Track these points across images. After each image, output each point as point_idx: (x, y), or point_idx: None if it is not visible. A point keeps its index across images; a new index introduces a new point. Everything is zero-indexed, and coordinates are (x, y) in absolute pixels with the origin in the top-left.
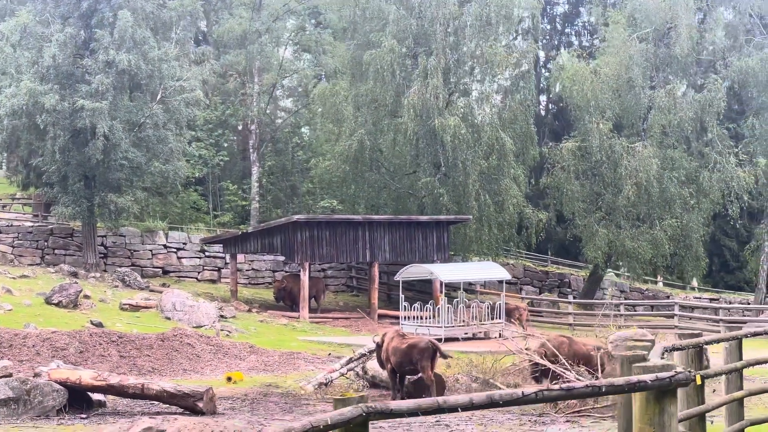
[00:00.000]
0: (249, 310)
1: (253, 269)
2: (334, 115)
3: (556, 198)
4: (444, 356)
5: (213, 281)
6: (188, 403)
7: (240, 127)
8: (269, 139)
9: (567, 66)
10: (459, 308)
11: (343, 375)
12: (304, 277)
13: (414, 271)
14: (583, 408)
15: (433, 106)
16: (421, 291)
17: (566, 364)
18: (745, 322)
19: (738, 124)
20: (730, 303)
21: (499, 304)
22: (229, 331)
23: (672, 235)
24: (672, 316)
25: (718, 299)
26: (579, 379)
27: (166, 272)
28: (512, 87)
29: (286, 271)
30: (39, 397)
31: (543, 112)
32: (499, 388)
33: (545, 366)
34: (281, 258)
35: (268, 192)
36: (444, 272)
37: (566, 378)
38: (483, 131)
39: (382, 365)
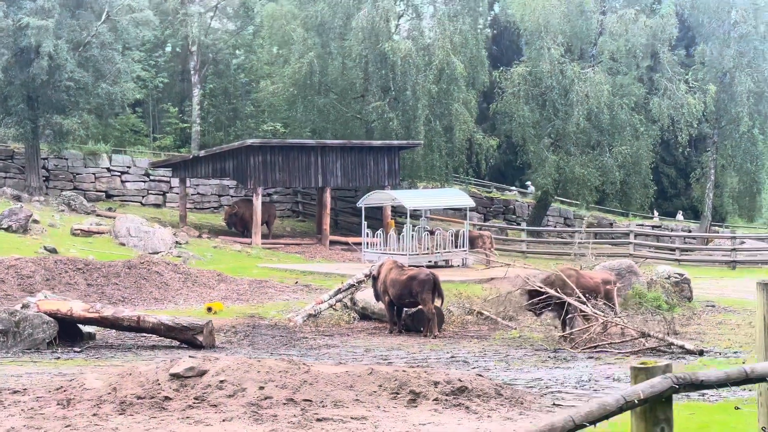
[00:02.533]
0: (199, 236)
1: (198, 194)
2: (282, 37)
3: (506, 124)
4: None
5: (158, 206)
6: (187, 337)
7: (179, 49)
8: (210, 60)
9: None
10: (423, 236)
11: (331, 306)
12: (257, 203)
13: (377, 198)
14: (600, 343)
15: (384, 29)
16: (374, 217)
17: (581, 296)
18: (694, 250)
19: (688, 51)
20: (672, 230)
21: (463, 231)
22: (186, 258)
23: (622, 162)
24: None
25: (660, 227)
26: (595, 312)
27: (109, 196)
28: (463, 10)
29: (232, 196)
30: (29, 329)
31: (494, 36)
32: (497, 321)
33: (550, 297)
34: (227, 182)
35: (209, 115)
36: (408, 199)
37: (583, 311)
38: (434, 55)
39: (378, 297)
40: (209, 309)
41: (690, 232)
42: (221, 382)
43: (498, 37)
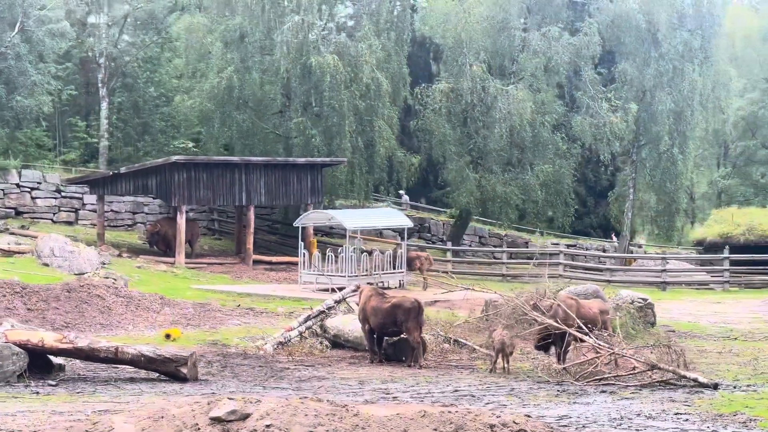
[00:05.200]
0: (119, 255)
1: (112, 211)
2: (199, 51)
3: (426, 141)
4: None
5: (70, 223)
6: (169, 369)
7: (87, 61)
8: (119, 73)
9: (439, 4)
10: (363, 257)
11: (301, 334)
12: (181, 221)
13: (314, 217)
14: (606, 375)
15: (308, 44)
16: (293, 236)
17: (584, 327)
18: (619, 270)
19: (610, 70)
20: (587, 249)
21: (401, 252)
22: (115, 279)
23: (544, 180)
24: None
25: (575, 245)
26: (599, 344)
27: (19, 213)
28: (386, 25)
29: (147, 213)
30: None
31: (414, 53)
32: (473, 349)
33: (559, 330)
34: (141, 199)
35: (117, 129)
36: (347, 219)
37: (589, 342)
38: (360, 71)
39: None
40: (167, 336)
41: (604, 251)
42: (267, 426)
43: (418, 54)
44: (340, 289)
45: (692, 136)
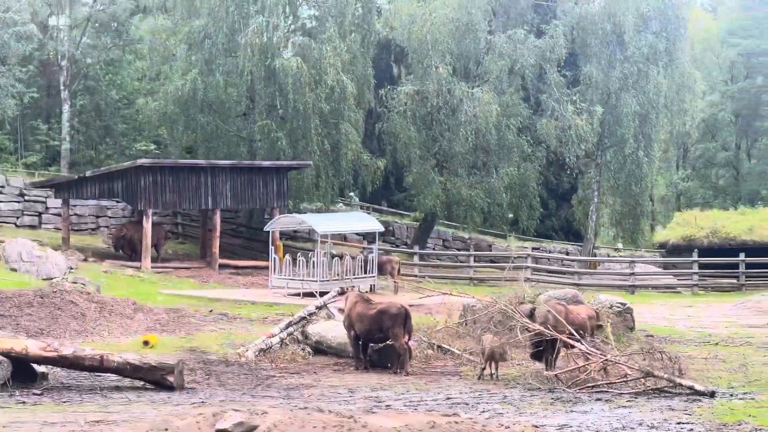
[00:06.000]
0: (85, 260)
1: (76, 215)
2: (163, 53)
3: (391, 144)
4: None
5: (33, 227)
6: (155, 377)
7: (48, 64)
8: (81, 76)
9: (404, 6)
10: (334, 261)
11: (282, 340)
12: (147, 225)
13: (284, 222)
14: (599, 382)
15: (273, 46)
16: (258, 240)
17: (575, 334)
18: (585, 274)
19: (575, 72)
20: (550, 252)
21: (372, 256)
22: (84, 284)
23: (509, 183)
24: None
25: (538, 248)
26: (590, 350)
27: None
28: (351, 26)
29: (110, 217)
30: None
31: (378, 55)
32: (458, 354)
33: (551, 337)
34: (105, 203)
35: (79, 132)
36: (318, 224)
37: (580, 348)
38: (326, 73)
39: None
40: (145, 343)
41: (568, 254)
42: None
43: (380, 56)
44: (312, 294)
45: (657, 138)
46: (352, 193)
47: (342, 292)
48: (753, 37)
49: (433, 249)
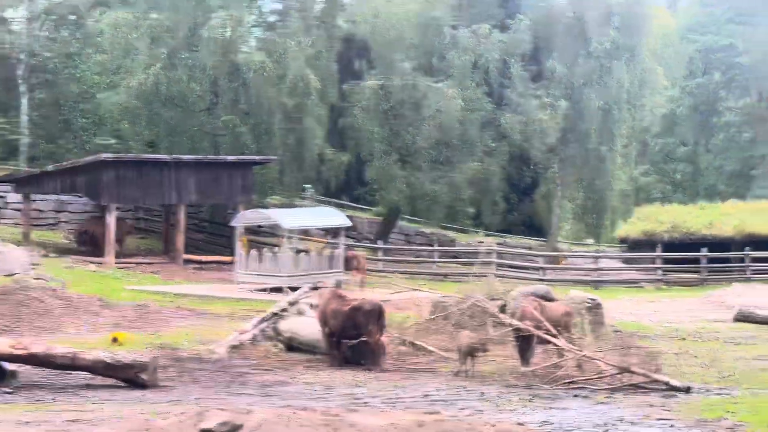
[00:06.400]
0: (46, 255)
1: (36, 210)
2: (125, 47)
3: (354, 139)
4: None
5: None
6: (129, 375)
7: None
8: (40, 69)
9: (368, 1)
10: (300, 256)
11: (254, 337)
12: (111, 220)
13: (251, 217)
14: (576, 379)
15: (236, 40)
16: (222, 234)
17: (552, 330)
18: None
19: (539, 67)
20: (513, 247)
21: (339, 252)
22: (47, 280)
23: (472, 178)
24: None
25: (502, 243)
26: (570, 347)
27: None
28: (316, 22)
29: (71, 212)
30: None
31: (341, 50)
32: (431, 351)
33: (530, 333)
34: (65, 198)
35: (38, 126)
36: (285, 218)
37: (558, 345)
38: (289, 68)
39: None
40: (114, 340)
41: (530, 249)
42: None
43: (343, 51)
44: (279, 289)
45: (619, 133)
46: (307, 186)
47: (315, 288)
48: (711, 34)
49: (395, 244)
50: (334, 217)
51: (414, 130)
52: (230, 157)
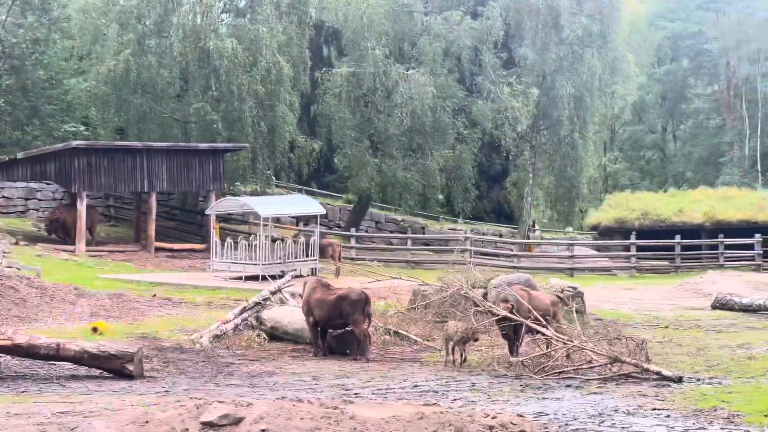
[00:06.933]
0: (16, 243)
1: (3, 197)
2: (93, 33)
3: (326, 126)
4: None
5: None
6: (115, 366)
7: None
8: (6, 56)
9: None
10: (276, 245)
11: (237, 326)
12: (82, 208)
13: (227, 205)
14: (566, 369)
15: (206, 27)
16: (192, 222)
17: (541, 319)
18: (526, 256)
19: (511, 54)
20: (484, 234)
21: (314, 240)
22: (18, 268)
23: (444, 165)
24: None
25: (473, 231)
26: (558, 337)
27: None
28: (287, 8)
29: (40, 199)
30: None
31: (314, 36)
32: (415, 341)
33: (517, 322)
34: (34, 185)
35: (4, 113)
36: (261, 206)
37: (546, 334)
38: (261, 55)
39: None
40: (94, 329)
41: (501, 236)
42: (262, 431)
43: (313, 38)
44: (254, 278)
45: (591, 120)
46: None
47: (298, 276)
48: (680, 20)
49: (366, 231)
50: (308, 204)
51: (386, 118)
52: (202, 145)
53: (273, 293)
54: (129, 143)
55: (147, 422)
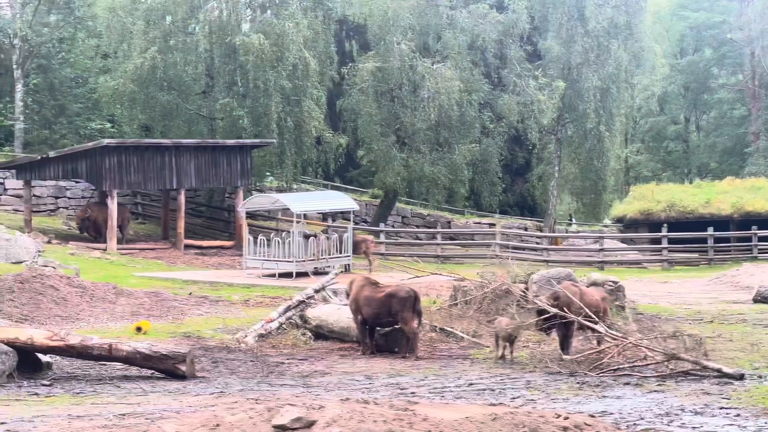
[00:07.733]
0: (49, 242)
1: (34, 195)
2: (120, 31)
3: (352, 121)
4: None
5: None
6: (167, 366)
7: None
8: (34, 55)
9: None
10: (309, 241)
11: (281, 325)
12: (113, 206)
13: (258, 201)
14: (621, 366)
15: (233, 23)
16: (219, 219)
17: (593, 316)
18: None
19: (536, 47)
20: (510, 228)
21: (347, 236)
22: (54, 267)
23: (471, 160)
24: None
25: (504, 225)
26: (609, 333)
27: None
28: (313, 3)
29: (69, 198)
30: None
31: (341, 31)
32: (461, 337)
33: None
34: (63, 184)
35: (33, 112)
36: (294, 202)
37: (600, 331)
38: (288, 50)
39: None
40: (138, 329)
41: (526, 229)
42: None
43: (340, 32)
44: (289, 274)
45: (618, 112)
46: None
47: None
48: (703, 10)
49: (393, 226)
50: (341, 200)
51: (412, 112)
52: (230, 141)
53: (317, 291)
54: (158, 140)
55: (218, 425)
